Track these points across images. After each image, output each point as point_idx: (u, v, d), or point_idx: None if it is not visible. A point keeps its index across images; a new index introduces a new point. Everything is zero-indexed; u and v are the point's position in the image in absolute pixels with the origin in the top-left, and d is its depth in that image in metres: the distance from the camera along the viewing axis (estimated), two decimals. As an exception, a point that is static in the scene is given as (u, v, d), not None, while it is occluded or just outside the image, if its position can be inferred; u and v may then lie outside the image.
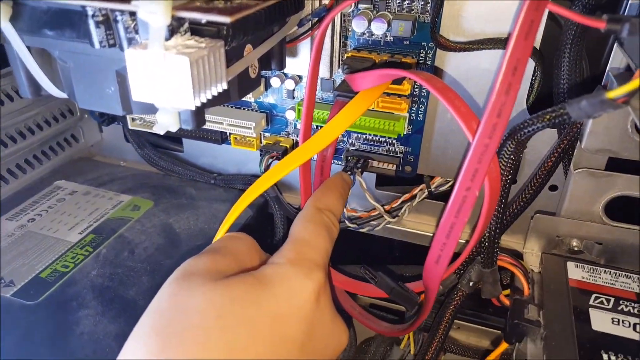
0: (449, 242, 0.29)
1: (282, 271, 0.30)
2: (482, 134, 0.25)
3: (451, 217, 0.28)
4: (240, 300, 0.27)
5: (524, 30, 0.23)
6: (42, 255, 0.44)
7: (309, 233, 0.34)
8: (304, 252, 0.32)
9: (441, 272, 0.32)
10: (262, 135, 0.52)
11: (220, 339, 0.26)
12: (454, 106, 0.28)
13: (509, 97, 0.24)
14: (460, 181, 0.27)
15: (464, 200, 0.27)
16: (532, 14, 0.23)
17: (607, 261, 0.43)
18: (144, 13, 0.23)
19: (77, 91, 0.32)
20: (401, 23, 0.41)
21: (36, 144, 0.55)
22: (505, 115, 0.24)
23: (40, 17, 0.29)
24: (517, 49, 0.24)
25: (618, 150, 0.37)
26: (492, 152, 0.25)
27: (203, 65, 0.24)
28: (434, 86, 0.29)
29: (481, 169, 0.26)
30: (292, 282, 0.29)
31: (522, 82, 0.24)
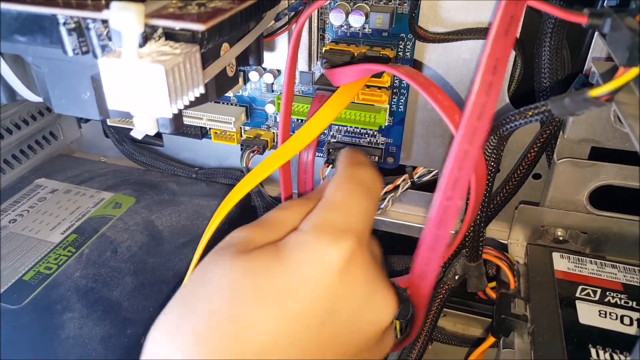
0: (434, 255, 0.28)
1: (303, 239, 0.28)
2: (461, 140, 0.23)
3: (433, 230, 0.26)
4: (254, 272, 0.27)
5: (503, 26, 0.23)
6: (25, 257, 0.44)
7: (341, 194, 0.30)
8: (332, 217, 0.29)
9: (428, 288, 0.30)
10: (242, 129, 0.52)
11: (228, 312, 0.25)
12: (437, 100, 0.28)
13: (489, 98, 0.23)
14: (440, 190, 0.25)
15: (446, 210, 0.25)
16: (512, 8, 0.23)
17: (592, 250, 0.44)
18: (116, 22, 0.22)
19: (52, 96, 0.31)
20: (379, 15, 0.40)
21: (15, 144, 0.54)
22: (487, 117, 0.23)
23: (11, 23, 0.29)
24: (496, 46, 0.23)
25: (601, 139, 0.38)
26: (472, 159, 0.24)
27: (179, 71, 0.24)
28: (415, 80, 0.29)
29: (462, 177, 0.24)
30: (311, 252, 0.27)
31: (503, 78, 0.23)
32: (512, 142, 0.44)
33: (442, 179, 0.25)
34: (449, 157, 0.24)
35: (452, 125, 0.27)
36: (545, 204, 0.44)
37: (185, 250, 0.45)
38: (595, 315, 0.36)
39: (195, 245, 0.45)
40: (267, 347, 0.25)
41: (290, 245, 0.28)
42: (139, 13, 0.22)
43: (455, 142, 0.24)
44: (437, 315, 0.43)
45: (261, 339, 0.25)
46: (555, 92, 0.39)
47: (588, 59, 0.38)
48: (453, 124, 0.27)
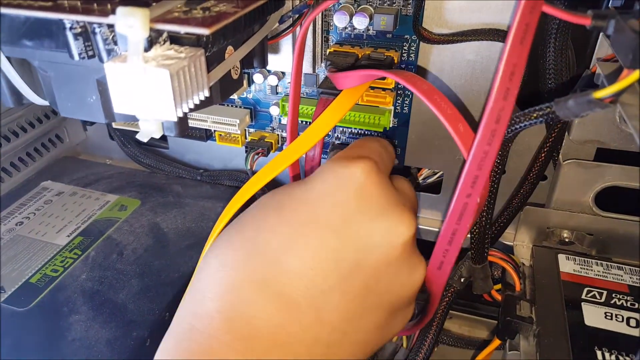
0: (451, 248, 0.29)
1: (322, 167, 0.31)
2: (480, 141, 0.25)
3: (452, 224, 0.28)
4: (278, 193, 0.31)
5: (519, 35, 0.23)
6: (32, 259, 0.44)
7: (360, 141, 0.35)
8: (348, 152, 0.33)
9: (445, 277, 0.31)
10: (247, 131, 0.52)
11: (250, 222, 0.30)
12: (440, 108, 0.28)
13: (507, 103, 0.24)
14: (460, 188, 0.26)
15: (465, 207, 0.27)
16: (527, 17, 0.23)
17: (598, 252, 0.44)
18: (121, 27, 0.23)
19: (58, 100, 0.31)
20: (383, 17, 0.40)
21: (21, 146, 0.54)
22: (504, 120, 0.24)
23: (19, 27, 0.29)
24: (513, 54, 0.23)
25: (606, 140, 0.38)
26: (492, 159, 0.25)
27: (184, 75, 0.24)
28: (418, 88, 0.29)
29: (481, 175, 0.26)
30: (326, 172, 0.31)
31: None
32: (516, 144, 0.44)
33: (462, 176, 0.26)
34: (469, 157, 0.26)
35: (455, 134, 0.27)
36: (550, 205, 0.44)
37: (190, 252, 0.45)
38: (601, 317, 0.36)
39: (201, 247, 0.45)
40: (280, 251, 0.28)
41: (312, 175, 0.31)
42: (145, 18, 0.22)
43: (475, 143, 0.25)
44: (443, 318, 0.42)
45: (276, 246, 0.29)
46: (560, 92, 0.39)
47: (593, 58, 0.38)
48: (456, 133, 0.27)
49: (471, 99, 0.43)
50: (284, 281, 0.28)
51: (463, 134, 0.27)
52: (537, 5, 0.23)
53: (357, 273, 0.29)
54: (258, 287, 0.27)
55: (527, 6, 0.23)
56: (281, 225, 0.29)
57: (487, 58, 0.41)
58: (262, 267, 0.28)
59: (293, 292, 0.28)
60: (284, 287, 0.27)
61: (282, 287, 0.27)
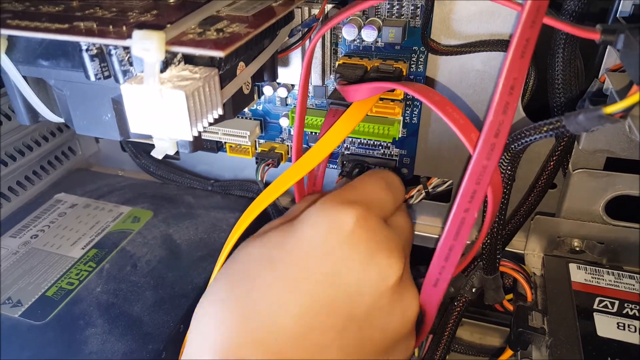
0: (447, 265, 0.29)
1: (312, 209, 0.30)
2: (479, 155, 0.25)
3: (449, 240, 0.27)
4: (268, 243, 0.31)
5: (519, 49, 0.23)
6: (47, 272, 0.45)
7: (359, 181, 0.34)
8: (343, 193, 0.31)
9: (440, 295, 0.31)
10: (257, 142, 0.52)
11: (243, 277, 0.29)
12: (453, 119, 0.28)
13: (506, 116, 0.24)
14: (458, 202, 0.26)
15: (463, 221, 0.27)
16: (527, 32, 0.23)
17: (610, 260, 0.43)
18: (138, 50, 0.23)
19: (74, 118, 0.32)
20: (391, 29, 0.41)
21: (35, 160, 0.55)
22: (504, 134, 0.24)
23: (36, 48, 0.30)
24: (513, 68, 0.23)
25: (616, 150, 0.38)
26: (490, 173, 0.25)
27: (199, 96, 0.25)
28: (430, 99, 0.29)
29: (480, 190, 0.26)
30: (318, 216, 0.30)
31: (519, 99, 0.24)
32: (526, 152, 0.44)
33: (460, 191, 0.26)
34: (467, 171, 0.25)
35: (469, 143, 0.27)
36: (561, 214, 0.44)
37: (203, 263, 0.46)
38: (613, 328, 0.36)
39: (213, 258, 0.46)
40: (275, 309, 0.28)
41: (301, 217, 0.30)
42: (161, 41, 0.23)
43: (474, 157, 0.25)
44: (454, 328, 0.43)
45: (271, 304, 0.28)
46: (569, 103, 0.39)
47: (602, 67, 0.39)
48: (470, 143, 0.27)
49: (480, 109, 0.44)
50: (282, 341, 0.27)
51: (476, 143, 0.28)
52: (537, 19, 0.23)
53: (351, 324, 0.28)
54: (257, 348, 0.27)
55: (527, 20, 0.23)
56: (275, 281, 0.28)
57: (496, 68, 0.42)
58: (259, 327, 0.28)
59: (292, 352, 0.27)
60: (282, 347, 0.27)
61: (280, 347, 0.27)
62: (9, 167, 0.52)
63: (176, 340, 0.39)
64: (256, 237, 0.32)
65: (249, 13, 0.30)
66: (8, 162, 0.52)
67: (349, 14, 0.31)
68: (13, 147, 0.52)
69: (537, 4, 0.23)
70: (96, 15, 0.28)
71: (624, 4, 0.36)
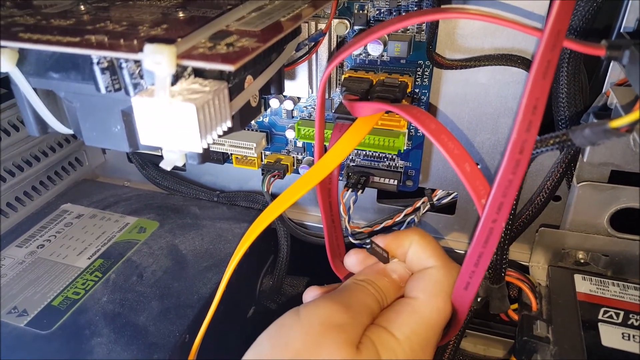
0: (477, 270, 0.30)
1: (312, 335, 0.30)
2: (505, 170, 0.26)
3: (479, 247, 0.29)
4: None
5: (541, 71, 0.24)
6: (53, 282, 0.45)
7: (355, 283, 0.34)
8: (336, 310, 0.31)
9: (471, 297, 0.32)
10: (263, 153, 0.53)
11: None
12: (447, 148, 0.29)
13: (530, 134, 0.25)
14: (486, 214, 0.27)
15: (491, 231, 0.28)
16: (548, 54, 0.24)
17: (614, 273, 0.43)
18: (149, 63, 0.23)
19: (83, 129, 0.32)
20: (397, 44, 0.41)
21: (42, 170, 0.56)
22: (528, 151, 0.25)
23: (46, 61, 0.30)
24: (535, 89, 0.24)
25: (621, 163, 0.38)
26: (516, 187, 0.26)
27: (209, 108, 0.25)
28: (427, 127, 0.30)
29: (506, 202, 0.27)
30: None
31: (542, 117, 0.25)
32: (531, 165, 0.44)
33: (488, 203, 0.27)
34: (494, 185, 0.26)
35: (462, 174, 0.28)
36: (565, 227, 0.44)
37: (208, 274, 0.46)
38: (618, 338, 0.36)
39: (219, 269, 0.47)
40: None
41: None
42: (172, 55, 0.23)
43: (501, 172, 0.26)
44: (460, 338, 0.43)
45: None
46: (573, 117, 0.39)
47: (606, 82, 0.39)
48: (463, 173, 0.28)
49: (484, 122, 0.44)
50: None
51: (469, 173, 0.28)
52: (558, 42, 0.24)
53: None
54: None
55: (548, 44, 0.23)
56: None
57: (500, 82, 0.42)
58: None
59: None
60: None
61: None
62: (16, 177, 0.52)
63: (182, 350, 0.39)
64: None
65: (257, 28, 0.30)
66: (15, 172, 0.52)
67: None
68: (21, 158, 0.53)
69: (557, 29, 0.23)
70: (107, 29, 0.29)
71: (628, 19, 0.37)
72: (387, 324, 0.31)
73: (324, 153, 0.36)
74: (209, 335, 0.36)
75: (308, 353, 0.29)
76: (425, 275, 0.34)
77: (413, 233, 0.36)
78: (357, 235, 0.51)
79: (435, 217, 0.51)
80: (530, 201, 0.43)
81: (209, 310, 0.35)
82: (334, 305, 0.31)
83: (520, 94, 0.42)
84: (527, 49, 0.40)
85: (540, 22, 0.38)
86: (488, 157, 0.46)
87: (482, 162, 0.46)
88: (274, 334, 0.31)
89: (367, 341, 0.30)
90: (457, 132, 0.45)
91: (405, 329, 0.31)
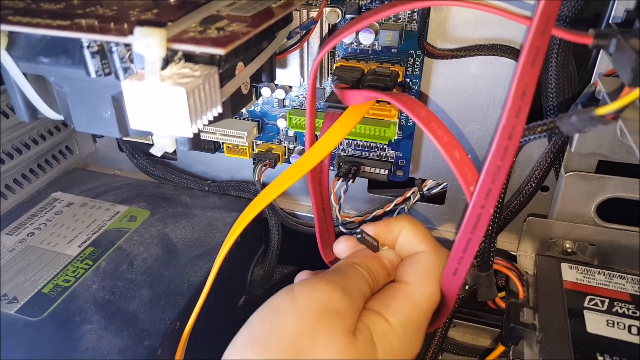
0: (465, 256, 0.30)
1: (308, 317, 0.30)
2: (494, 156, 0.26)
3: (467, 233, 0.29)
4: None
5: (530, 58, 0.24)
6: (44, 270, 0.45)
7: (350, 264, 0.35)
8: (334, 291, 0.31)
9: (459, 283, 0.32)
10: (255, 143, 0.53)
11: None
12: (437, 135, 0.29)
13: (518, 120, 0.25)
14: (474, 200, 0.27)
15: (479, 217, 0.28)
16: (538, 40, 0.24)
17: (601, 262, 0.44)
18: (139, 46, 0.23)
19: (73, 115, 0.32)
20: (388, 33, 0.41)
21: (32, 158, 0.55)
22: (516, 137, 0.25)
23: (36, 45, 0.30)
24: (524, 75, 0.24)
25: (608, 153, 0.38)
26: (504, 173, 0.26)
27: (199, 93, 0.25)
28: (417, 115, 0.30)
29: (495, 188, 0.27)
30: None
31: (530, 104, 0.25)
32: (519, 155, 0.45)
33: (476, 189, 0.27)
34: (483, 171, 0.27)
35: (451, 161, 0.28)
36: (553, 216, 0.44)
37: (199, 262, 0.46)
38: (603, 325, 0.37)
39: (209, 257, 0.47)
40: None
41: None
42: (162, 38, 0.23)
43: (489, 158, 0.26)
44: (447, 326, 0.43)
45: None
46: (562, 107, 0.40)
47: (594, 73, 0.39)
48: (452, 160, 0.28)
49: (474, 112, 0.44)
50: None
51: (459, 160, 0.28)
52: (547, 29, 0.24)
53: None
54: None
55: (538, 30, 0.23)
56: None
57: (490, 72, 0.42)
58: None
59: None
60: None
61: None
62: (6, 164, 0.52)
63: (172, 337, 0.39)
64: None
65: (248, 13, 0.30)
66: (5, 159, 0.52)
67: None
68: (11, 145, 0.52)
69: (547, 15, 0.23)
70: (97, 13, 0.29)
71: (617, 10, 0.37)
72: (381, 308, 0.31)
73: (314, 142, 0.36)
74: (199, 323, 0.36)
75: (304, 339, 0.28)
76: (417, 260, 0.34)
77: (403, 219, 0.36)
78: (347, 225, 0.51)
79: (425, 207, 0.52)
80: (518, 191, 0.43)
81: (200, 298, 0.35)
82: (332, 289, 0.31)
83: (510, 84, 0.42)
84: (517, 39, 0.40)
85: (531, 11, 0.38)
86: (477, 147, 0.46)
87: (472, 152, 0.46)
88: (267, 316, 0.30)
89: (364, 327, 0.30)
90: (447, 121, 0.45)
91: (399, 315, 0.31)
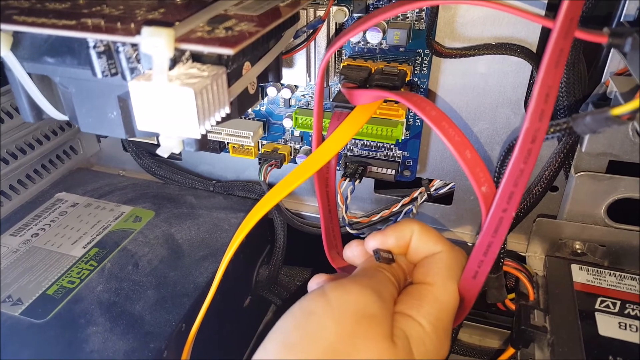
0: (486, 259, 0.30)
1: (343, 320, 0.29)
2: (517, 159, 0.26)
3: (488, 237, 0.29)
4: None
5: (553, 59, 0.24)
6: (48, 271, 0.44)
7: (367, 268, 0.34)
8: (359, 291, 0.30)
9: (479, 286, 0.32)
10: (260, 143, 0.52)
11: None
12: (448, 135, 0.28)
13: (542, 124, 0.25)
14: (496, 203, 0.27)
15: (501, 221, 0.28)
16: (561, 42, 0.24)
17: (611, 263, 0.44)
18: (147, 47, 0.23)
19: (79, 116, 0.32)
20: (396, 32, 0.41)
21: (36, 159, 0.55)
22: (539, 140, 0.25)
23: (41, 45, 0.30)
24: (548, 77, 0.24)
25: (619, 153, 0.38)
26: (527, 176, 0.26)
27: (207, 93, 0.25)
28: (427, 114, 0.29)
29: (517, 191, 0.27)
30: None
31: (554, 106, 0.25)
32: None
33: (498, 192, 0.27)
34: (506, 174, 0.26)
35: (462, 160, 0.28)
36: (563, 217, 0.44)
37: (205, 263, 0.46)
38: (615, 327, 0.36)
39: (215, 258, 0.46)
40: None
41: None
42: (170, 38, 0.23)
43: (512, 161, 0.26)
44: (458, 328, 0.43)
45: None
46: (572, 106, 0.39)
47: (605, 71, 0.39)
48: (463, 160, 0.28)
49: (483, 111, 0.44)
50: None
51: (470, 160, 0.28)
52: (571, 30, 0.23)
53: None
54: None
55: (561, 32, 0.23)
56: None
57: (499, 71, 0.42)
58: None
59: None
60: None
61: None
62: (10, 165, 0.52)
63: (178, 339, 0.39)
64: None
65: (256, 12, 0.30)
66: (9, 160, 0.51)
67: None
68: (15, 145, 0.52)
69: (570, 17, 0.23)
70: (103, 13, 0.28)
71: (629, 8, 0.36)
72: (412, 312, 0.31)
73: (322, 142, 0.36)
74: (205, 324, 0.36)
75: (343, 345, 0.27)
76: (436, 260, 0.33)
77: (411, 223, 0.36)
78: (354, 225, 0.51)
79: (433, 207, 0.51)
80: (528, 191, 0.43)
81: (206, 299, 0.35)
82: (366, 292, 0.30)
83: (519, 83, 0.42)
84: (527, 38, 0.40)
85: (539, 9, 0.38)
86: (486, 147, 0.46)
87: (480, 152, 0.46)
88: (302, 321, 0.29)
89: (401, 334, 0.29)
90: (455, 121, 0.44)
91: (430, 317, 0.30)
